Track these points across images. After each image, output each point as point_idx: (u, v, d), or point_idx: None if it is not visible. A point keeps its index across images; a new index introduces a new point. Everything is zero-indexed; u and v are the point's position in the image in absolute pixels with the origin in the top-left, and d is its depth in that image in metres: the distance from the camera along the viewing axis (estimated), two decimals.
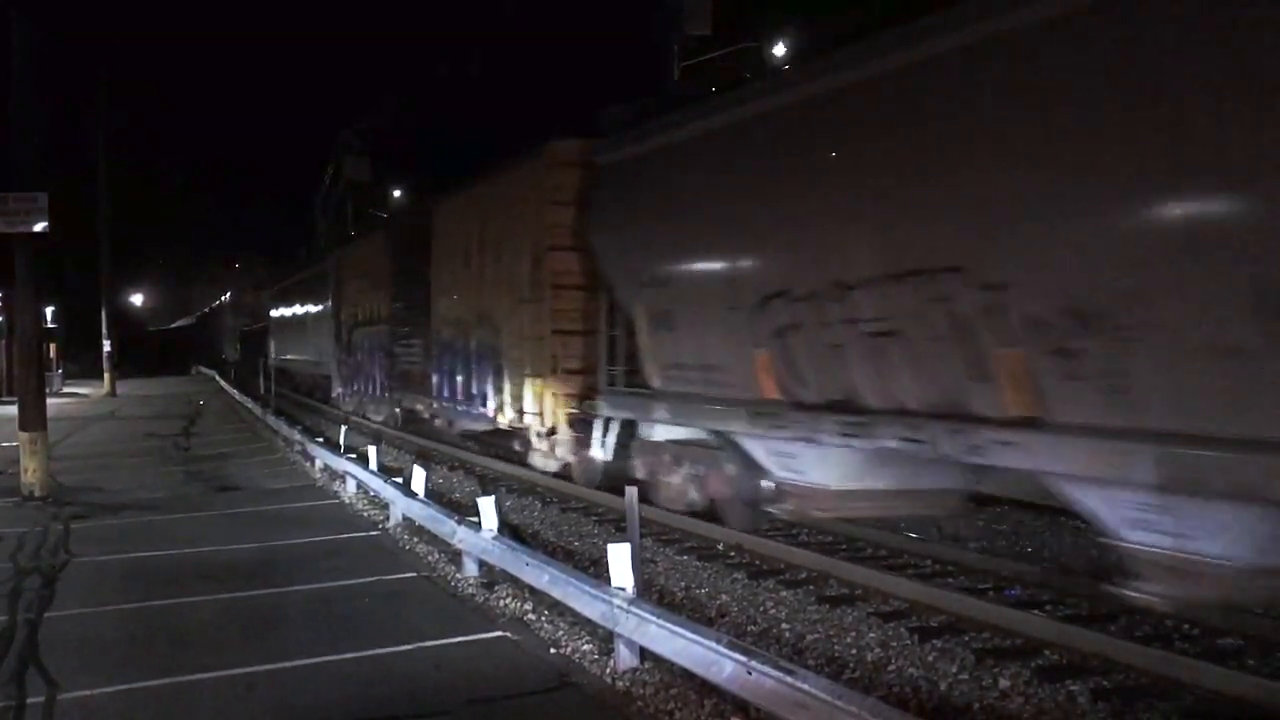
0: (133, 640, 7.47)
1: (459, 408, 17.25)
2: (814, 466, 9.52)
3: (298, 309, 37.89)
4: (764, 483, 10.28)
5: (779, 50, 13.91)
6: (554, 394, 13.55)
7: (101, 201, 41.36)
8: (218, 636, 7.55)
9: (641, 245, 11.43)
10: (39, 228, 14.07)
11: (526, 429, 14.39)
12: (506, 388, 14.92)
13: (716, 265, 10.38)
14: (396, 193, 50.16)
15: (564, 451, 13.74)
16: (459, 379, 17.09)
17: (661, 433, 11.80)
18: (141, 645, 7.34)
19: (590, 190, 12.89)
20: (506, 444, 16.14)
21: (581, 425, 13.32)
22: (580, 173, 13.25)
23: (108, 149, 41.23)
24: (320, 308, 31.88)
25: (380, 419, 23.68)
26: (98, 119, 39.91)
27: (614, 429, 12.63)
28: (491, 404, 15.52)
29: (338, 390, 28.29)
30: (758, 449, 10.07)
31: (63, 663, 6.85)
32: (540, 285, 13.82)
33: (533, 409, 14.03)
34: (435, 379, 18.39)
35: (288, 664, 6.79)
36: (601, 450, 12.83)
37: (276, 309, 44.08)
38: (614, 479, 12.38)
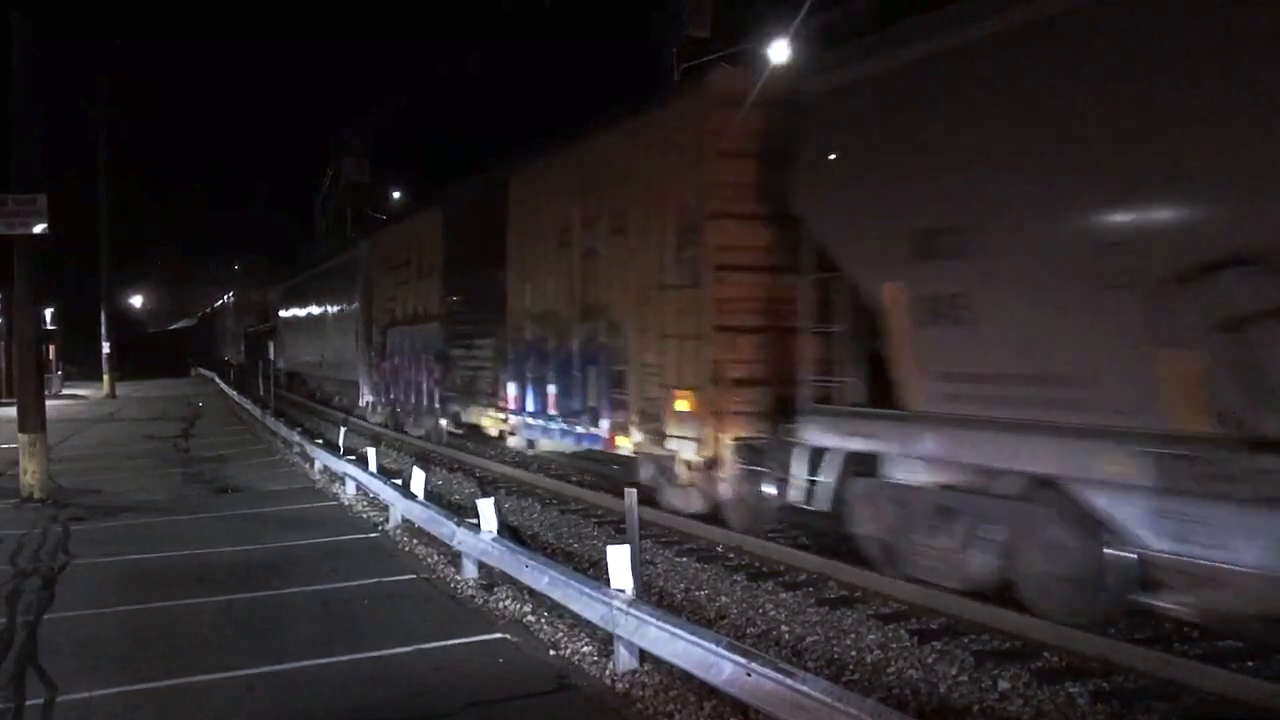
0: (132, 642, 7.47)
1: (551, 425, 13.88)
2: (1247, 541, 6.07)
3: (314, 308, 34.29)
4: (1112, 553, 6.88)
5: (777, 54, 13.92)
6: (717, 412, 10.28)
7: (102, 202, 41.39)
8: (217, 638, 7.54)
9: (909, 198, 8.00)
10: (38, 229, 14.06)
11: (669, 457, 11.16)
12: (634, 402, 11.71)
13: (1086, 217, 6.70)
14: (396, 194, 50.33)
15: (727, 488, 10.47)
16: (551, 390, 13.84)
17: (922, 474, 8.20)
18: (141, 647, 7.34)
19: (789, 133, 9.39)
20: (620, 473, 13.00)
21: (751, 455, 10.19)
22: (763, 113, 10.08)
23: (108, 150, 41.27)
24: (343, 304, 28.50)
25: (420, 434, 20.64)
26: (98, 120, 39.94)
27: (831, 464, 8.95)
28: (606, 423, 12.34)
29: (366, 399, 24.94)
30: (1125, 507, 6.63)
31: (62, 665, 6.84)
32: (695, 266, 10.55)
33: (680, 431, 10.78)
34: (513, 389, 15.08)
35: (287, 666, 6.79)
36: (801, 492, 9.21)
37: (287, 308, 41.03)
38: (817, 532, 9.98)
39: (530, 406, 14.56)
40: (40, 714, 6.03)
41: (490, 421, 16.53)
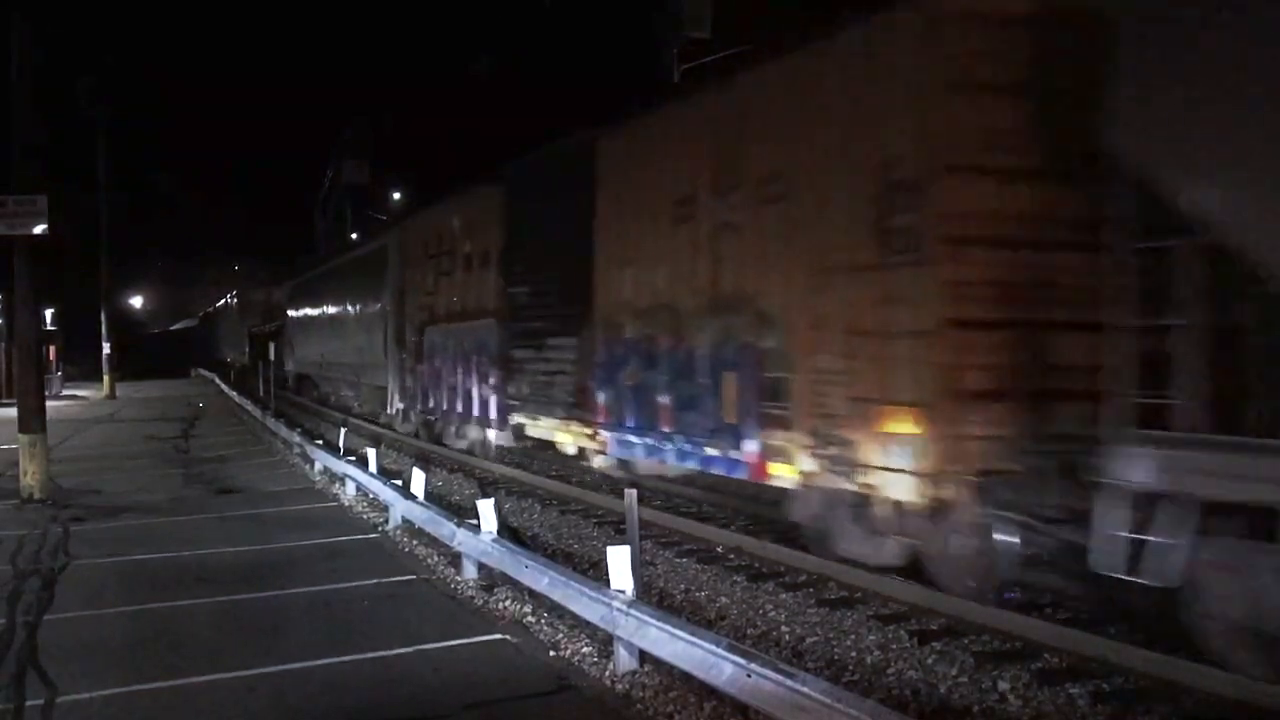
0: (132, 643, 7.47)
1: (665, 445, 11.23)
2: None
3: (330, 305, 31.13)
4: None
5: None
6: (952, 436, 7.67)
7: (102, 204, 41.50)
8: (217, 639, 7.54)
9: None
10: (38, 230, 14.09)
11: (863, 493, 8.44)
12: (800, 420, 8.99)
13: None
14: (396, 194, 50.42)
15: (961, 539, 7.79)
16: (662, 400, 11.19)
17: None
18: (140, 648, 7.34)
19: (1080, 51, 7.01)
20: (761, 506, 10.90)
21: (995, 495, 7.54)
22: (1026, 33, 7.71)
23: (108, 151, 41.30)
24: (368, 300, 25.69)
25: (464, 446, 18.21)
26: (98, 122, 39.95)
27: (1179, 518, 6.11)
28: (753, 445, 9.63)
29: (397, 406, 22.25)
30: None
31: (62, 666, 6.84)
32: (913, 238, 7.89)
33: (889, 460, 8.03)
34: (604, 398, 12.53)
35: (287, 666, 6.79)
36: (1117, 554, 6.36)
37: (297, 307, 37.91)
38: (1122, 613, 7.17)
39: (630, 421, 11.93)
40: (40, 714, 6.03)
41: (569, 436, 13.79)
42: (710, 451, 10.41)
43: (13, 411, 15.45)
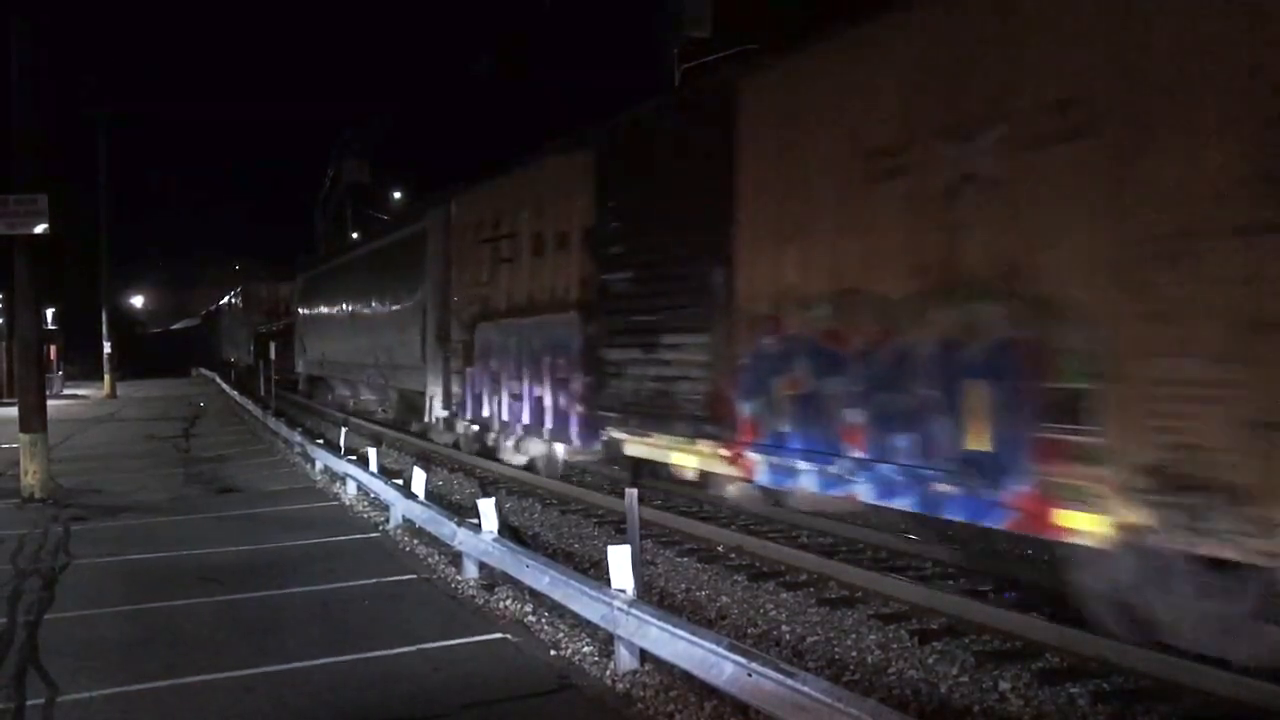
0: (132, 643, 7.47)
1: (856, 475, 8.57)
2: None
3: (350, 301, 28.03)
4: None
5: None
6: None
7: (102, 204, 41.54)
8: (217, 639, 7.55)
9: None
10: (39, 229, 14.10)
11: (1259, 564, 5.90)
12: (1122, 450, 6.41)
13: None
14: (396, 194, 50.49)
15: None
16: (849, 416, 8.61)
17: None
18: (141, 648, 7.34)
19: None
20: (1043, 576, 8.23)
21: None
22: None
23: (108, 151, 41.36)
24: (401, 293, 22.58)
25: (522, 461, 15.75)
26: (98, 122, 39.99)
27: None
28: (1025, 482, 7.03)
29: (439, 414, 19.26)
30: None
31: (62, 665, 6.85)
32: None
33: None
34: (751, 410, 9.88)
35: (286, 666, 6.79)
36: None
37: (311, 303, 34.96)
38: None
39: (794, 441, 9.36)
40: (41, 714, 6.03)
41: (695, 458, 11.07)
42: (944, 489, 7.74)
43: (13, 411, 15.47)
